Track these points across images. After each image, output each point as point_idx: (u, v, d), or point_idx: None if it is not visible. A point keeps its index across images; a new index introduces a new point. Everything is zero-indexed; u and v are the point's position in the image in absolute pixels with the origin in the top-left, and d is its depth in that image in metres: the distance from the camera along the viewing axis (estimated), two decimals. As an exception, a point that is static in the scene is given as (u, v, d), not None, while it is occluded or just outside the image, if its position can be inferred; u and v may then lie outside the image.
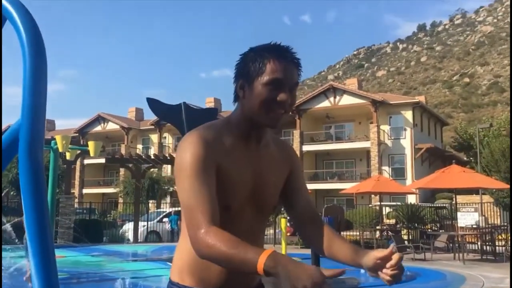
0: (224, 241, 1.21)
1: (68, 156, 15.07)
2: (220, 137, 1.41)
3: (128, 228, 19.51)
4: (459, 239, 13.10)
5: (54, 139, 12.96)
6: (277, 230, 17.71)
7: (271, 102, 1.36)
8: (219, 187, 1.36)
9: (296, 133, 33.39)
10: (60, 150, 12.76)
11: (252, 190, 1.44)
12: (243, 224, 1.43)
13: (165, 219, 20.09)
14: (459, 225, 15.24)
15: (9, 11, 1.48)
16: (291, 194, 1.57)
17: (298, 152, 30.23)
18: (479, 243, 14.10)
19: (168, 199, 31.34)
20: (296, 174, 1.59)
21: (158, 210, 24.02)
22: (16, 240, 11.45)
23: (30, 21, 1.28)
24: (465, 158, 37.35)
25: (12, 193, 23.80)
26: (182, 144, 1.37)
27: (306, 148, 33.26)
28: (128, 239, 18.83)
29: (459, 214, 15.55)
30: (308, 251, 14.09)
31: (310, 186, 30.01)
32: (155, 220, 20.20)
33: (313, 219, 1.57)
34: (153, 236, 19.91)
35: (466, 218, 15.72)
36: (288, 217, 17.25)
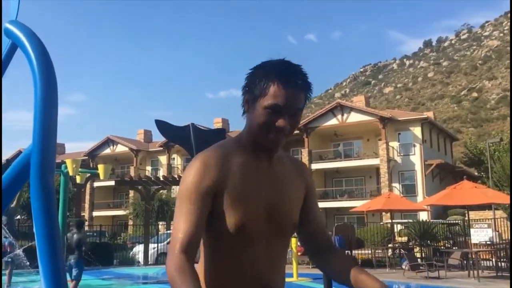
0: (179, 272, 1.22)
1: (78, 179, 15.15)
2: (229, 157, 1.38)
3: (138, 250, 19.44)
4: (473, 256, 12.89)
5: (64, 162, 13.05)
6: (288, 250, 17.54)
7: (269, 126, 1.34)
8: (230, 207, 1.34)
9: (305, 151, 33.33)
10: (70, 173, 12.84)
11: (267, 208, 1.40)
12: (261, 247, 1.39)
13: None
14: (472, 241, 15.01)
15: (21, 39, 1.51)
16: (304, 213, 1.53)
17: (307, 171, 30.03)
18: (493, 260, 13.86)
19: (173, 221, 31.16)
20: (310, 193, 1.57)
21: (168, 231, 23.94)
22: (28, 265, 11.46)
23: (41, 49, 1.31)
24: (476, 173, 36.97)
25: (23, 217, 23.89)
26: (186, 168, 1.38)
27: (314, 166, 33.14)
28: (139, 262, 18.75)
29: (472, 230, 15.31)
30: (319, 271, 13.93)
31: (320, 205, 29.18)
32: (165, 242, 20.10)
33: (327, 244, 1.55)
34: (163, 258, 19.80)
35: (480, 234, 15.44)
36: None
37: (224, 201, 1.35)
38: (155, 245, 19.40)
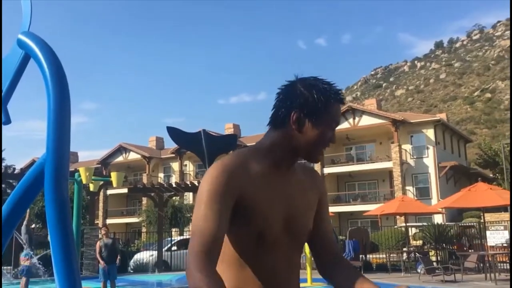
0: (202, 274, 1.19)
1: (91, 187, 15.29)
2: (247, 165, 1.40)
3: (138, 258, 19.19)
4: (490, 259, 12.72)
5: (78, 171, 13.18)
6: (301, 255, 17.48)
7: (326, 142, 1.45)
8: (249, 215, 1.36)
9: (317, 155, 33.22)
10: (84, 182, 12.97)
11: (285, 216, 1.43)
12: (280, 254, 1.42)
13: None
14: (489, 244, 14.82)
15: (33, 50, 1.53)
16: (317, 223, 1.56)
17: (319, 175, 29.97)
18: (510, 262, 13.65)
19: (191, 227, 31.30)
20: (322, 202, 1.59)
21: (182, 237, 23.99)
22: (44, 272, 11.57)
23: (54, 60, 1.33)
24: (491, 175, 36.52)
25: (38, 225, 24.12)
26: (204, 175, 1.39)
27: (327, 170, 33.02)
28: (153, 269, 18.77)
29: (488, 233, 15.12)
30: (334, 276, 13.83)
31: (333, 209, 29.66)
32: (165, 248, 19.77)
33: (336, 257, 1.56)
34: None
35: (496, 237, 15.24)
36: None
37: (244, 209, 1.36)
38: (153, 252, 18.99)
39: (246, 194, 1.37)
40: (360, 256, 16.32)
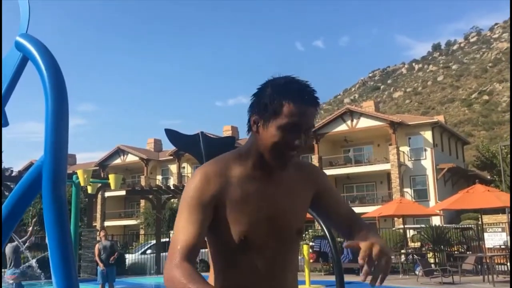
0: (185, 275, 1.21)
1: (89, 189, 15.25)
2: (228, 170, 1.40)
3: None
4: (488, 261, 12.73)
5: (76, 173, 13.15)
6: (299, 257, 17.45)
7: (284, 145, 1.35)
8: (231, 219, 1.36)
9: (315, 158, 33.25)
10: (82, 184, 12.93)
11: (269, 218, 1.41)
12: (268, 256, 1.41)
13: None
14: (486, 246, 14.83)
15: (31, 52, 1.53)
16: (330, 212, 1.58)
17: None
18: (508, 264, 13.67)
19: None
20: (326, 192, 1.57)
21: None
22: (41, 276, 11.53)
23: (52, 62, 1.33)
24: (488, 177, 36.57)
25: (36, 228, 24.06)
26: (187, 181, 1.41)
27: (325, 172, 32.99)
28: (151, 271, 18.74)
29: (486, 234, 15.14)
30: (332, 278, 13.82)
31: (332, 211, 29.60)
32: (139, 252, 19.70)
33: (356, 225, 1.55)
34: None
35: (494, 239, 15.26)
36: (310, 244, 17.02)
37: (225, 213, 1.37)
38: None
39: (226, 199, 1.37)
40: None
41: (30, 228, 10.17)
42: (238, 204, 1.37)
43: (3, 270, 9.57)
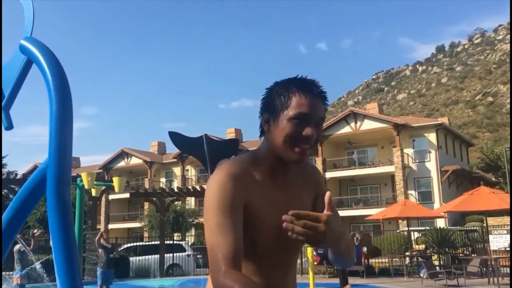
0: (242, 284, 1.18)
1: (93, 192, 15.29)
2: (248, 172, 1.39)
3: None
4: (493, 263, 12.67)
5: (80, 176, 13.19)
6: (303, 260, 17.43)
7: (296, 137, 1.33)
8: (246, 222, 1.34)
9: (319, 160, 33.22)
10: (86, 187, 12.97)
11: (278, 225, 1.38)
12: (272, 261, 1.42)
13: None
14: (491, 248, 14.77)
15: (36, 56, 1.54)
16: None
17: (321, 179, 29.99)
18: (514, 267, 13.60)
19: (193, 231, 31.29)
20: (322, 196, 1.54)
21: (183, 242, 23.95)
22: (46, 279, 11.54)
23: (56, 65, 1.34)
24: (493, 179, 36.44)
25: (40, 231, 24.11)
26: (210, 182, 1.36)
27: (329, 174, 32.99)
28: (155, 274, 18.76)
29: (491, 237, 15.07)
30: (336, 281, 13.80)
31: (335, 213, 29.50)
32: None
33: None
34: (179, 269, 19.79)
35: (499, 241, 15.19)
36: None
37: (244, 215, 1.35)
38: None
39: (249, 202, 1.36)
40: (362, 260, 16.28)
41: (32, 242, 10.20)
42: (255, 208, 1.36)
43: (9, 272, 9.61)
